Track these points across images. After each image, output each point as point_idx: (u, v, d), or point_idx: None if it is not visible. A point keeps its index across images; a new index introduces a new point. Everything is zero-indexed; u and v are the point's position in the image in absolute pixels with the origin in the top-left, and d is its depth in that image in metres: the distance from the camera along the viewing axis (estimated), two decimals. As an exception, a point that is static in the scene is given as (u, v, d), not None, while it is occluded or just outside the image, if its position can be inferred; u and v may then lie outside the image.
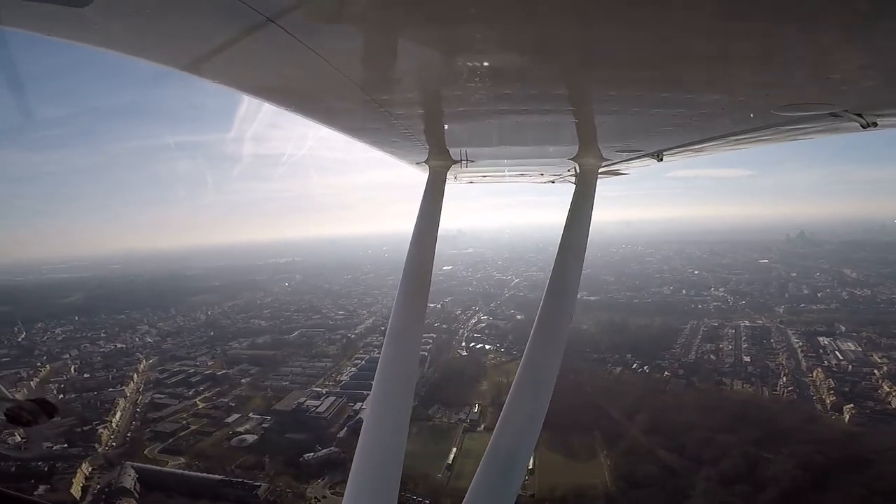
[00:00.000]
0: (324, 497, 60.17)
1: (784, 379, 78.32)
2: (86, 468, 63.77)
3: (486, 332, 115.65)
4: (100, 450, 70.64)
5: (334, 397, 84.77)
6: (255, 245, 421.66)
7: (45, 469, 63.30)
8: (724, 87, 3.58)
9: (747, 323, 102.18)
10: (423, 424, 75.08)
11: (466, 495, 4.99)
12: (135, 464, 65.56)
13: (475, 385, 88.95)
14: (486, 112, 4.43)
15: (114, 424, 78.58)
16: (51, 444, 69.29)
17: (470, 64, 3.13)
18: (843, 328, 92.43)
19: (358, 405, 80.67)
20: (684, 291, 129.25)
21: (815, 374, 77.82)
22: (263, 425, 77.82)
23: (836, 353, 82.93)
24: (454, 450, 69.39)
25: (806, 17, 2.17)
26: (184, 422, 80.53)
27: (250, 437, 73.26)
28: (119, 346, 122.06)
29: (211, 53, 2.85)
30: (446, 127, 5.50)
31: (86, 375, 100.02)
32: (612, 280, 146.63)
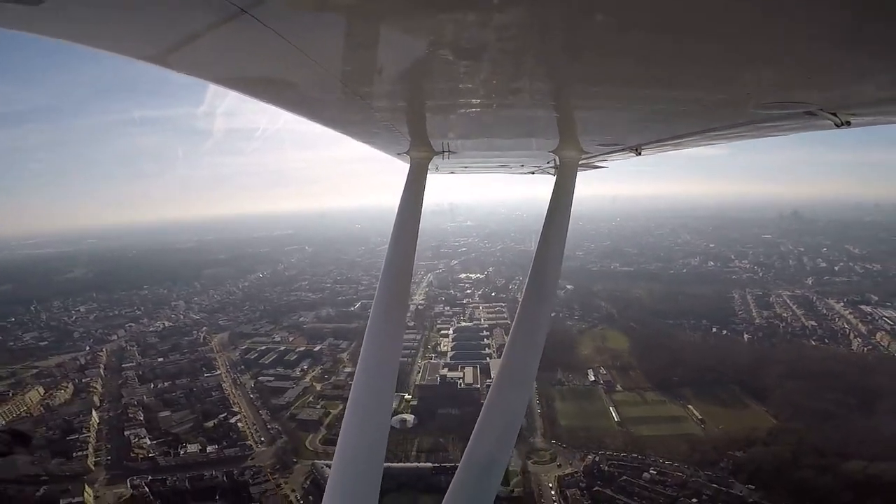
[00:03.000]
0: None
1: (858, 340, 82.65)
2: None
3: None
4: (256, 447, 60.45)
5: (471, 367, 77.77)
6: (238, 218, 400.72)
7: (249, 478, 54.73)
8: (704, 84, 3.36)
9: (788, 292, 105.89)
10: (560, 389, 75.15)
11: (446, 496, 4.71)
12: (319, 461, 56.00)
13: (576, 350, 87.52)
14: (468, 104, 4.05)
15: (243, 415, 67.17)
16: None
17: (451, 56, 2.83)
18: (875, 297, 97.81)
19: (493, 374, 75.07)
20: (711, 263, 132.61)
21: (878, 336, 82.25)
22: (412, 403, 69.58)
23: (885, 318, 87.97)
24: (611, 408, 69.67)
25: (788, 15, 2.07)
26: (319, 406, 70.40)
27: (409, 418, 65.16)
28: (167, 323, 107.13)
29: (179, 45, 2.51)
30: (427, 119, 4.99)
31: (160, 360, 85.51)
32: (636, 252, 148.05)
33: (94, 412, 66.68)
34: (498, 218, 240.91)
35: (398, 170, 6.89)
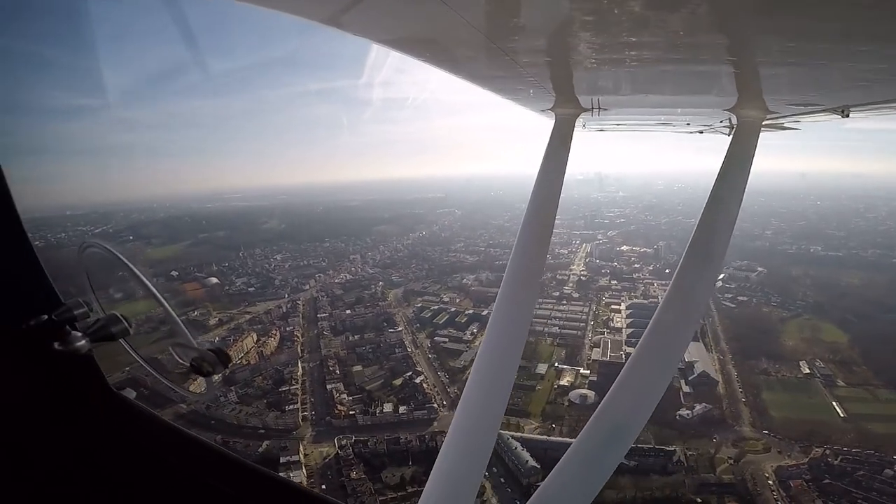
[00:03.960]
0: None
1: None
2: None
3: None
4: (440, 411, 62.43)
5: None
6: (393, 180, 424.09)
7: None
8: None
9: None
10: (766, 379, 67.68)
11: (562, 458, 4.51)
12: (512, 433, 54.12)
13: (780, 339, 78.30)
14: (625, 59, 3.51)
15: (425, 375, 68.33)
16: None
17: (604, 6, 2.53)
18: None
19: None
20: None
21: None
22: (591, 378, 65.11)
23: None
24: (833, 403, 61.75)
25: None
26: (493, 373, 68.50)
27: (590, 394, 60.72)
28: (348, 276, 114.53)
29: (345, 5, 2.78)
30: (576, 75, 4.53)
31: (348, 312, 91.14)
32: (843, 235, 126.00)
33: (299, 363, 73.38)
34: (655, 190, 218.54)
35: (542, 135, 6.47)
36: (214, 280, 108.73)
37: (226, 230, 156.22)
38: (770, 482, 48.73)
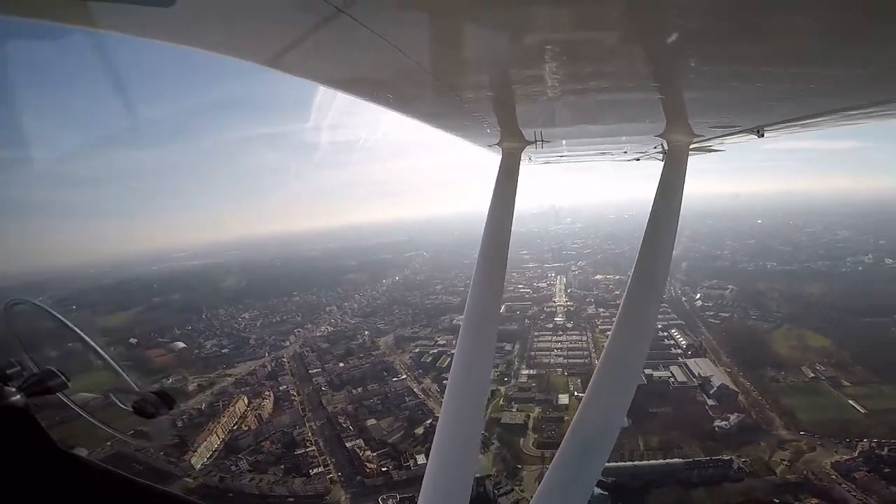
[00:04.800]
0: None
1: None
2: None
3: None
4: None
5: (677, 366, 71.24)
6: (351, 227, 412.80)
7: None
8: (848, 58, 2.88)
9: None
10: (778, 385, 69.29)
11: (538, 488, 4.39)
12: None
13: (773, 349, 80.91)
14: (562, 92, 3.79)
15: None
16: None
17: (542, 43, 2.74)
18: None
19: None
20: (889, 260, 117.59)
21: None
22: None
23: None
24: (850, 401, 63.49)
25: None
26: (515, 409, 66.20)
27: (625, 419, 58.24)
28: (329, 328, 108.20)
29: (288, 48, 2.70)
30: (518, 109, 4.75)
31: (341, 365, 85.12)
32: (791, 250, 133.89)
33: (306, 423, 66.19)
34: (608, 219, 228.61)
35: (494, 170, 6.51)
36: (181, 344, 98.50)
37: (180, 292, 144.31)
38: (833, 476, 49.00)
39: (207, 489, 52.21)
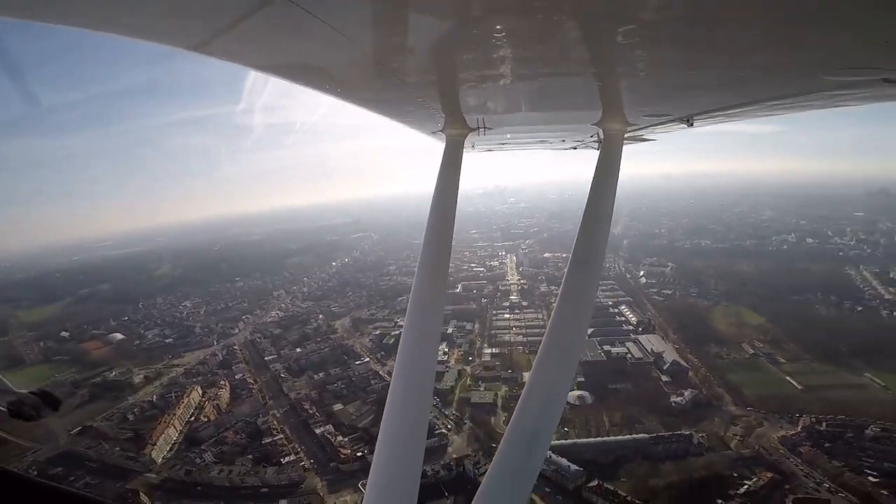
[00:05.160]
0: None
1: None
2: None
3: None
4: (450, 435, 58.31)
5: (631, 342, 74.51)
6: (292, 210, 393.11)
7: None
8: (769, 50, 3.04)
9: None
10: (723, 362, 72.79)
11: (487, 472, 4.43)
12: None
13: (715, 326, 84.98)
14: (503, 77, 3.83)
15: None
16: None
17: (483, 27, 2.75)
18: None
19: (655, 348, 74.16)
20: (809, 240, 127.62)
21: None
22: (578, 379, 65.63)
23: None
24: (787, 378, 65.13)
25: None
26: (483, 388, 67.54)
27: (587, 395, 61.76)
28: (279, 314, 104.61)
29: (217, 32, 2.49)
30: (461, 94, 4.74)
31: (298, 350, 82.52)
32: (722, 229, 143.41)
33: (269, 412, 63.60)
34: (550, 199, 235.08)
35: (438, 153, 6.53)
36: (119, 335, 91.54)
37: (109, 282, 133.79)
38: (781, 451, 51.95)
39: (173, 483, 49.14)
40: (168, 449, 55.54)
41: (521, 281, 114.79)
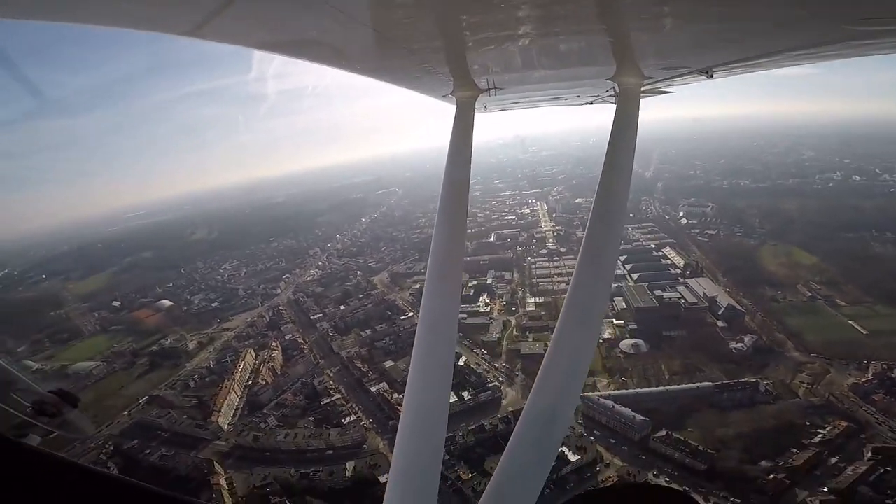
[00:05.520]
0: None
1: None
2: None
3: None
4: (503, 388, 57.89)
5: (682, 287, 72.34)
6: (314, 171, 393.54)
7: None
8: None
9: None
10: (779, 305, 70.07)
11: (506, 449, 4.09)
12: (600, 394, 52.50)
13: (766, 267, 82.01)
14: (511, 36, 3.76)
15: (466, 356, 63.40)
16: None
17: None
18: None
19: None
20: (856, 177, 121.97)
21: None
22: (630, 327, 64.30)
23: None
24: (850, 322, 62.11)
25: None
26: (531, 339, 66.56)
27: (641, 342, 60.27)
28: (318, 272, 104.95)
29: (212, 15, 2.42)
30: (469, 56, 4.63)
31: (342, 308, 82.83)
32: (761, 169, 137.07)
33: (323, 372, 64.53)
34: (574, 146, 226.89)
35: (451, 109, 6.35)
36: (167, 302, 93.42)
37: (150, 250, 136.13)
38: (853, 399, 49.92)
39: (242, 450, 50.62)
40: (232, 415, 56.81)
41: (556, 227, 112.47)
